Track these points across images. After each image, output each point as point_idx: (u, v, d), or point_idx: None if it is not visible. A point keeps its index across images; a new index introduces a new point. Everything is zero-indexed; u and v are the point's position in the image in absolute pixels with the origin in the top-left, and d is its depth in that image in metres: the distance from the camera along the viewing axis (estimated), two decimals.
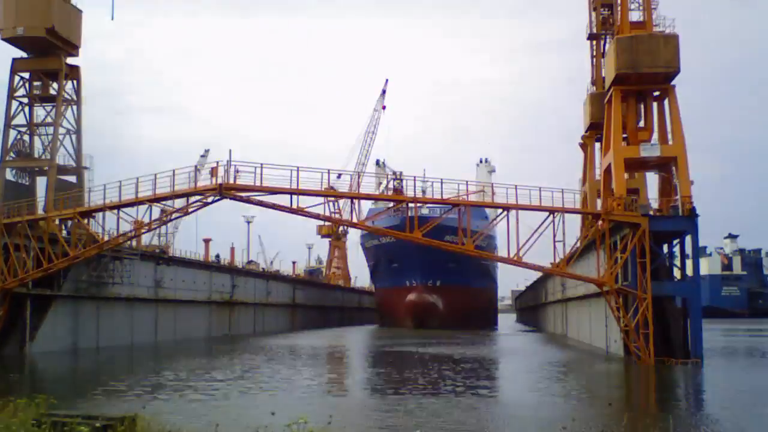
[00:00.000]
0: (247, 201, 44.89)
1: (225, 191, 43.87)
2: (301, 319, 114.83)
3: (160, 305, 72.22)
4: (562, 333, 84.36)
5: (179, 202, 47.00)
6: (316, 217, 47.23)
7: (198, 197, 46.12)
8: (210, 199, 45.65)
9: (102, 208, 49.80)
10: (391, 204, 59.40)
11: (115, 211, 48.64)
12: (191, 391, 31.28)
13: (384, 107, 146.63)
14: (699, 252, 50.04)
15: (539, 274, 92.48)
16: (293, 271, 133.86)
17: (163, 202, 47.09)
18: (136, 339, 67.00)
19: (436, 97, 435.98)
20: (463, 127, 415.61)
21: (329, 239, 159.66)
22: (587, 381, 40.33)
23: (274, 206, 44.69)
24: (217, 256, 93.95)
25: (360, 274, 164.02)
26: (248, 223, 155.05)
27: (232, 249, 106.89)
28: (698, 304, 48.58)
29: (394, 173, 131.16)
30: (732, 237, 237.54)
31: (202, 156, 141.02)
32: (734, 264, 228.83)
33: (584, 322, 67.61)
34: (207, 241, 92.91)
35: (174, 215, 47.94)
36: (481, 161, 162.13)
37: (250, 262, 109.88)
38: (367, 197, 45.58)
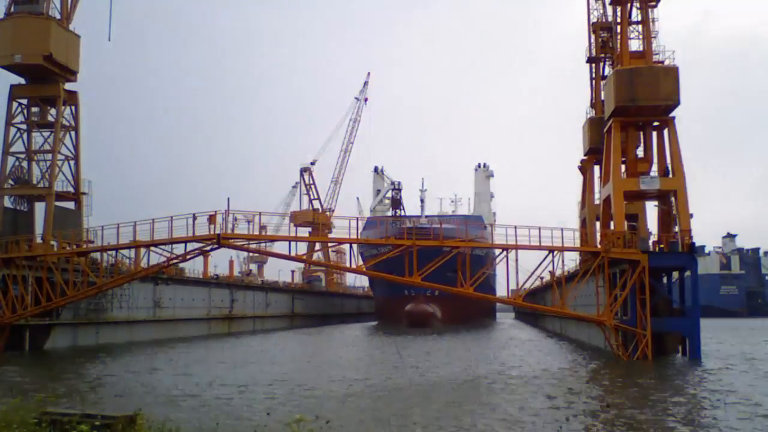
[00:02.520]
0: (246, 249, 44.74)
1: (223, 240, 43.71)
2: (300, 323, 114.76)
3: (159, 324, 72.37)
4: (561, 332, 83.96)
5: (177, 247, 46.89)
6: (314, 263, 47.00)
7: (196, 244, 46.01)
8: (208, 248, 45.59)
9: (99, 249, 49.70)
10: (392, 247, 57.73)
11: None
12: None
13: (366, 99, 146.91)
14: (698, 287, 49.95)
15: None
16: (292, 279, 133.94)
17: (161, 247, 46.92)
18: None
19: (436, 93, 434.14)
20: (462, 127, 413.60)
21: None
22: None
23: (272, 254, 44.74)
24: (216, 275, 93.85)
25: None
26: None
27: (231, 262, 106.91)
28: (698, 340, 48.58)
29: (393, 183, 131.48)
30: (730, 236, 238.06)
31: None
32: (732, 263, 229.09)
33: (582, 327, 67.10)
34: (206, 256, 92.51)
35: (172, 261, 47.77)
36: (479, 166, 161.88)
37: (249, 273, 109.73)
38: (366, 242, 45.13)
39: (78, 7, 62.95)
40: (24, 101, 61.88)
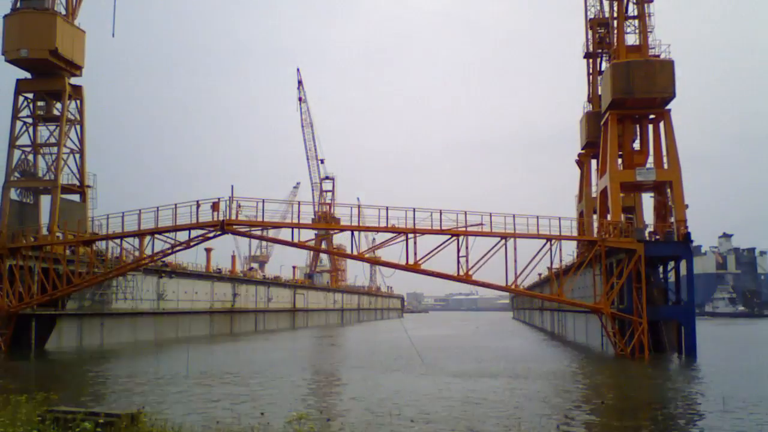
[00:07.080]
0: (249, 236, 45.56)
1: (227, 226, 44.43)
2: (302, 320, 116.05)
3: (162, 318, 73.29)
4: (560, 333, 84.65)
5: (181, 235, 47.49)
6: (317, 250, 47.84)
7: (200, 231, 46.73)
8: (212, 234, 46.28)
9: (105, 238, 50.46)
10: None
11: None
12: None
13: (300, 99, 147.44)
14: (693, 275, 50.93)
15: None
16: (293, 275, 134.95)
17: (165, 234, 47.57)
18: (139, 338, 68.42)
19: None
20: None
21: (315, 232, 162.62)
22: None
23: (275, 240, 45.44)
24: (219, 269, 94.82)
25: (358, 273, 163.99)
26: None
27: (233, 257, 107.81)
28: (693, 327, 49.57)
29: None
30: (726, 236, 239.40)
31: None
32: (728, 263, 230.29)
33: (580, 325, 68.03)
34: (208, 251, 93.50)
35: (176, 248, 48.38)
36: None
37: (251, 269, 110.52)
38: (366, 229, 45.83)
39: (83, 2, 63.83)
40: (30, 95, 62.59)
